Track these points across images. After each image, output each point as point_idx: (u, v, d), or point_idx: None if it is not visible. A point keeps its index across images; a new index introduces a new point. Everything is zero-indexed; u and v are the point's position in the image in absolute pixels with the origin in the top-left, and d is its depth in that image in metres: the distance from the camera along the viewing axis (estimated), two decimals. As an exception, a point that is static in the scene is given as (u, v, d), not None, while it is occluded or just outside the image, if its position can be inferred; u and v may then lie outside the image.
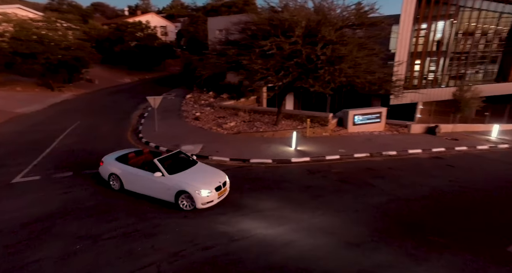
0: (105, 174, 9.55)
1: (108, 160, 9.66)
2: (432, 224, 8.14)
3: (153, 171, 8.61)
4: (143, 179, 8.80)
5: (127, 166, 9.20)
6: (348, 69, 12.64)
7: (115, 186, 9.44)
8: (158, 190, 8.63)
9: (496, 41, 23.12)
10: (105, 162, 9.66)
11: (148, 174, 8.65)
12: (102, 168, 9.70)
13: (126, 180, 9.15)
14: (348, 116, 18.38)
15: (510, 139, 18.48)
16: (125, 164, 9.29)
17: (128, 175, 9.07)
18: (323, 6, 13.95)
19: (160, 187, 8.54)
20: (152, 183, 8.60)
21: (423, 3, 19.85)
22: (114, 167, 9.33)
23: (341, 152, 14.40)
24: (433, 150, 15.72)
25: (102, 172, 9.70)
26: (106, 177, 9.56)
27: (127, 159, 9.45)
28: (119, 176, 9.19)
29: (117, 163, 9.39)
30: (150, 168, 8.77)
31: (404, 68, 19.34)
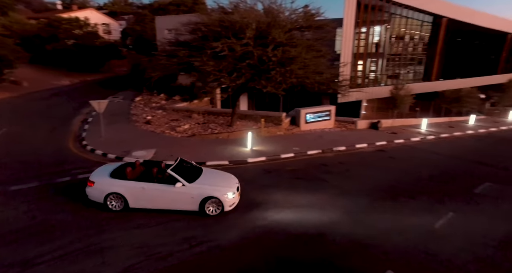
0: (100, 195, 8.19)
1: (102, 178, 8.31)
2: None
3: (164, 182, 8.14)
4: (157, 193, 8.13)
5: (133, 182, 8.19)
6: (298, 70, 13.22)
7: (116, 207, 8.26)
8: (178, 201, 8.18)
9: (421, 45, 26.19)
10: (98, 182, 8.25)
11: (164, 187, 8.11)
12: (94, 189, 8.25)
13: (133, 197, 8.17)
14: (300, 115, 19.19)
15: (435, 131, 21.10)
16: (125, 180, 8.22)
17: (136, 192, 8.14)
18: (273, 9, 14.32)
19: (181, 198, 8.13)
20: (171, 194, 8.10)
21: (361, 8, 21.60)
22: (114, 186, 8.13)
23: (295, 150, 14.98)
24: (377, 144, 17.23)
25: (94, 193, 8.29)
26: (101, 199, 8.21)
27: (125, 175, 8.32)
28: (123, 194, 8.11)
29: (116, 180, 8.19)
30: (160, 180, 8.22)
31: (348, 68, 20.81)
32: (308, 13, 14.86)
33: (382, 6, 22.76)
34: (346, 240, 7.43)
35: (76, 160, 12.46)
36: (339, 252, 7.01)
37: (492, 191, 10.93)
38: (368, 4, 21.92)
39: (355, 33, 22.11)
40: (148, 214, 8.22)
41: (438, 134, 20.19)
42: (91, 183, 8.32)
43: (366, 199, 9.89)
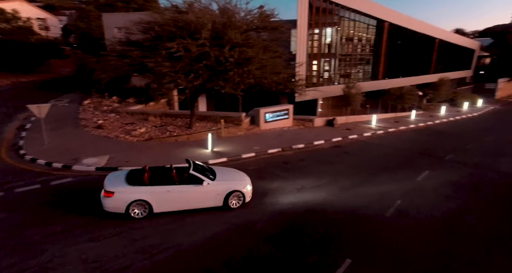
0: (121, 205, 7.90)
1: (121, 187, 7.99)
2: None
3: (189, 183, 8.43)
4: (184, 194, 8.37)
5: (157, 187, 8.15)
6: (256, 71, 13.37)
7: (140, 214, 8.09)
8: (204, 199, 8.59)
9: (368, 47, 28.24)
10: (118, 191, 7.90)
11: (191, 187, 8.42)
12: (114, 199, 7.86)
13: (159, 202, 8.14)
14: (260, 114, 19.46)
15: (383, 126, 22.96)
16: (147, 185, 8.11)
17: (161, 196, 8.14)
18: (228, 9, 14.27)
19: (207, 195, 8.56)
20: (198, 194, 8.48)
21: (313, 11, 22.57)
22: (137, 193, 7.98)
23: (256, 149, 15.16)
24: (333, 140, 18.18)
25: (115, 204, 7.91)
26: (122, 209, 7.91)
27: (143, 181, 8.14)
28: (147, 200, 8.02)
29: (138, 187, 8.04)
30: (183, 182, 8.43)
31: (304, 68, 21.61)
32: (263, 14, 15.09)
33: (332, 9, 24.03)
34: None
35: (12, 172, 11.13)
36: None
37: (430, 177, 12.25)
38: (320, 7, 22.99)
39: (308, 34, 23.02)
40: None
41: (386, 129, 21.99)
42: (109, 194, 7.89)
43: (327, 191, 10.43)
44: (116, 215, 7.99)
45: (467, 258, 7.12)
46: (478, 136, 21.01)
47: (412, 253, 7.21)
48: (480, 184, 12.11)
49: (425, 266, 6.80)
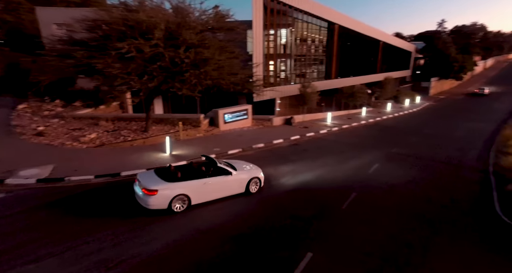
0: (164, 201, 8.30)
1: (162, 184, 8.34)
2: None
3: (218, 175, 9.26)
4: (216, 185, 9.19)
5: (194, 181, 8.79)
6: (213, 72, 13.18)
7: (180, 208, 8.61)
8: (232, 187, 9.64)
9: (321, 47, 29.63)
10: (161, 188, 8.24)
11: (222, 178, 9.31)
12: (158, 196, 8.19)
13: (196, 194, 8.83)
14: (219, 115, 19.29)
15: (338, 123, 24.31)
16: (184, 181, 8.62)
17: (198, 189, 8.83)
18: (181, 8, 13.85)
19: (234, 184, 9.63)
20: (228, 183, 9.46)
21: (268, 12, 22.97)
22: (178, 188, 8.46)
23: (216, 150, 15.01)
24: (291, 138, 18.75)
25: (158, 201, 8.25)
26: (165, 205, 8.31)
27: (177, 177, 8.60)
28: (187, 194, 8.60)
29: (178, 183, 8.51)
30: (213, 174, 9.17)
31: (261, 68, 21.91)
32: (219, 15, 14.95)
33: (286, 11, 24.71)
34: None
35: None
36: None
37: (379, 170, 13.30)
38: (274, 8, 23.48)
39: (264, 35, 23.38)
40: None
41: (340, 126, 23.30)
42: (153, 192, 8.15)
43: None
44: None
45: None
46: (418, 129, 23.30)
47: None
48: (422, 171, 13.46)
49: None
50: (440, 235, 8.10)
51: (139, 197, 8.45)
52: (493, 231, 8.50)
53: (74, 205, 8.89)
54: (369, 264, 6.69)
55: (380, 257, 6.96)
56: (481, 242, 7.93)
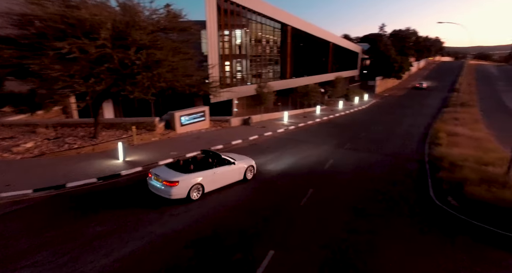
0: (184, 190, 9.31)
1: (181, 176, 9.30)
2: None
3: (224, 165, 10.53)
4: (223, 174, 10.40)
5: (207, 171, 9.90)
6: (167, 74, 12.71)
7: (196, 196, 9.62)
8: (234, 175, 10.93)
9: (275, 48, 30.39)
10: (181, 180, 9.21)
11: (227, 167, 10.58)
12: (179, 187, 9.16)
13: (208, 183, 9.91)
14: (175, 118, 18.72)
15: (294, 122, 25.20)
16: (198, 171, 9.66)
17: (209, 178, 9.92)
18: (129, 7, 13.08)
19: (236, 172, 10.96)
20: (231, 172, 10.74)
21: (222, 12, 22.87)
22: (194, 178, 9.49)
23: (173, 154, 14.57)
24: (250, 139, 18.96)
25: (179, 191, 9.21)
26: (184, 194, 9.33)
27: (190, 169, 9.61)
28: (202, 183, 9.65)
29: (193, 174, 9.53)
30: (218, 165, 10.36)
31: (217, 70, 21.74)
32: (171, 14, 14.46)
33: (240, 12, 24.84)
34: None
35: None
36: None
37: (334, 165, 14.14)
38: (227, 9, 23.44)
39: (219, 35, 23.23)
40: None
41: (296, 124, 24.17)
42: (174, 183, 9.05)
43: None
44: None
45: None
46: (367, 126, 25.17)
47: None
48: (370, 164, 14.59)
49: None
50: (385, 220, 8.91)
51: (159, 189, 9.32)
52: (427, 212, 9.60)
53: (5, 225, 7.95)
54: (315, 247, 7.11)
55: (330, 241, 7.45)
56: (418, 222, 8.91)
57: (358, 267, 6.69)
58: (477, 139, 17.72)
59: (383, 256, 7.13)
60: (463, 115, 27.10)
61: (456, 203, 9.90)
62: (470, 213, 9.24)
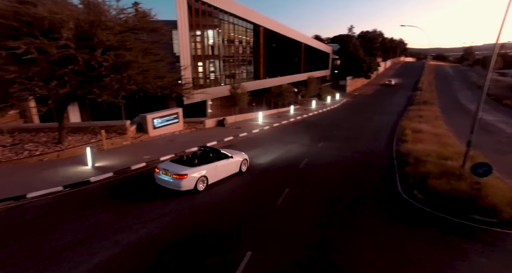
0: (192, 183, 10.22)
1: (189, 169, 10.20)
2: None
3: (223, 159, 11.58)
4: (223, 167, 11.46)
5: (210, 164, 10.92)
6: (137, 76, 12.24)
7: (202, 187, 10.59)
8: (231, 168, 12.01)
9: (248, 49, 30.46)
10: (190, 172, 10.16)
11: (227, 161, 11.65)
12: (188, 179, 10.09)
13: (211, 175, 10.93)
14: (147, 121, 18.14)
15: (269, 122, 25.43)
16: (203, 165, 10.67)
17: (212, 171, 10.95)
18: (94, 5, 12.43)
19: (233, 165, 12.01)
20: (229, 165, 11.81)
21: (193, 13, 22.48)
22: (199, 171, 10.45)
23: (147, 158, 14.13)
24: (225, 140, 18.85)
25: (188, 183, 10.12)
26: (192, 185, 10.23)
27: (194, 163, 10.53)
28: (207, 175, 10.67)
29: (199, 167, 10.50)
30: (217, 159, 11.38)
31: (190, 71, 21.36)
32: (140, 14, 13.97)
33: (212, 12, 24.58)
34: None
35: None
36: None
37: (308, 164, 14.45)
38: (199, 9, 23.09)
39: (191, 36, 22.82)
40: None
41: (271, 124, 24.40)
42: (183, 176, 10.00)
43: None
44: None
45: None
46: (339, 124, 26.01)
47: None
48: (344, 162, 15.11)
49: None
50: (356, 214, 9.28)
51: (169, 182, 10.20)
52: (395, 206, 10.12)
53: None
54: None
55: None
56: (388, 216, 9.37)
57: (336, 259, 6.90)
58: (438, 135, 18.95)
59: (357, 250, 7.43)
60: (426, 112, 28.85)
61: (422, 196, 10.52)
62: (433, 205, 9.87)
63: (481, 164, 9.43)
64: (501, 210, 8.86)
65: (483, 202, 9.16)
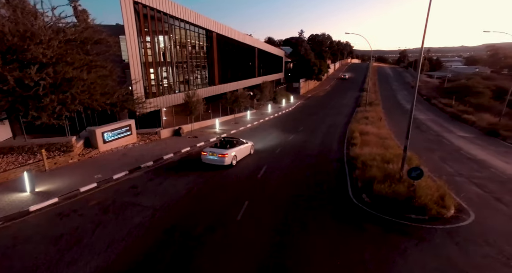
0: (230, 159, 15.22)
1: (227, 150, 15.21)
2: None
3: (242, 144, 16.89)
4: (242, 150, 16.69)
5: (236, 148, 16.07)
6: (81, 95, 11.31)
7: (234, 163, 15.61)
8: (246, 151, 17.19)
9: (202, 54, 30.03)
10: (229, 152, 15.23)
11: (245, 145, 17.13)
12: (228, 157, 15.06)
13: (238, 155, 16.11)
14: (96, 135, 16.97)
15: (226, 129, 25.47)
16: (232, 148, 15.81)
17: (239, 152, 16.14)
18: (23, 12, 11.17)
19: (247, 149, 17.30)
20: (245, 149, 17.05)
21: (141, 18, 21.47)
22: (233, 152, 15.56)
23: (98, 178, 13.27)
24: (182, 151, 18.45)
25: (227, 160, 15.05)
26: (229, 162, 15.20)
27: (228, 147, 15.71)
28: (237, 155, 15.89)
29: (230, 149, 15.50)
30: (239, 144, 16.62)
31: (141, 84, 20.38)
32: (81, 25, 12.96)
33: (162, 17, 23.74)
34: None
35: None
36: None
37: (267, 174, 14.85)
38: (147, 14, 22.13)
39: (140, 42, 21.78)
40: None
41: (229, 132, 24.45)
42: (225, 155, 14.90)
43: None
44: None
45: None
46: (294, 128, 26.91)
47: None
48: (299, 167, 15.77)
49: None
50: (310, 221, 9.90)
51: (215, 160, 15.05)
52: (345, 210, 10.98)
53: None
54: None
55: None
56: (340, 220, 10.15)
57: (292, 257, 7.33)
58: (382, 138, 20.77)
59: (311, 252, 8.14)
60: (371, 113, 31.41)
61: (369, 200, 11.55)
62: (378, 207, 10.92)
63: (415, 168, 10.69)
64: (430, 208, 10.16)
65: (417, 202, 10.40)
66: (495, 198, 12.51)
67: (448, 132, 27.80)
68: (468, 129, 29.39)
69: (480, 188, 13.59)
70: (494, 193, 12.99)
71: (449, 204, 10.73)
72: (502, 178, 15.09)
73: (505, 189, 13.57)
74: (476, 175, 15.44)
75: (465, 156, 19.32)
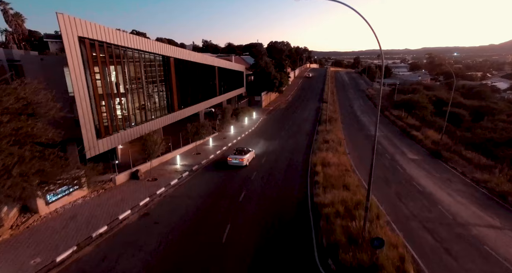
0: (246, 162, 24.10)
1: (243, 156, 23.94)
2: None
3: (249, 152, 25.30)
4: (251, 155, 25.41)
5: (247, 154, 24.72)
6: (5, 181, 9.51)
7: (247, 164, 24.15)
8: (252, 156, 25.75)
9: (158, 81, 28.34)
10: (245, 158, 23.94)
11: (251, 153, 25.62)
12: (245, 160, 23.82)
13: (249, 159, 24.74)
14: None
15: (188, 164, 24.25)
16: (246, 154, 24.51)
17: (250, 157, 25.01)
18: None
19: (253, 155, 26.06)
20: (252, 154, 25.94)
21: (88, 49, 19.44)
22: (247, 157, 24.28)
23: (36, 263, 11.55)
24: (140, 204, 16.98)
25: (245, 162, 23.85)
26: (245, 163, 24.00)
27: (243, 153, 24.52)
28: (249, 159, 24.64)
29: (245, 155, 24.15)
30: (247, 152, 25.07)
31: (91, 125, 18.50)
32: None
33: (111, 48, 21.81)
34: None
35: None
36: None
37: (233, 236, 14.23)
38: (95, 43, 20.13)
39: (88, 74, 19.73)
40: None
41: (191, 167, 23.28)
42: (243, 159, 23.69)
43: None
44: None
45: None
46: (258, 158, 26.36)
47: None
48: (259, 216, 15.38)
49: None
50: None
51: (236, 163, 23.69)
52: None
53: None
54: None
55: None
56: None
57: None
58: (343, 170, 21.19)
59: None
60: (332, 136, 32.12)
61: (334, 267, 11.62)
62: (344, 276, 11.03)
63: (377, 239, 10.96)
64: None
65: (382, 271, 10.68)
66: (445, 249, 13.41)
67: (400, 153, 29.64)
68: (416, 150, 31.59)
69: (432, 236, 14.51)
70: (444, 242, 13.94)
71: (409, 269, 11.19)
72: (449, 220, 16.25)
73: (453, 235, 14.66)
74: (428, 217, 16.48)
75: (417, 189, 20.60)
